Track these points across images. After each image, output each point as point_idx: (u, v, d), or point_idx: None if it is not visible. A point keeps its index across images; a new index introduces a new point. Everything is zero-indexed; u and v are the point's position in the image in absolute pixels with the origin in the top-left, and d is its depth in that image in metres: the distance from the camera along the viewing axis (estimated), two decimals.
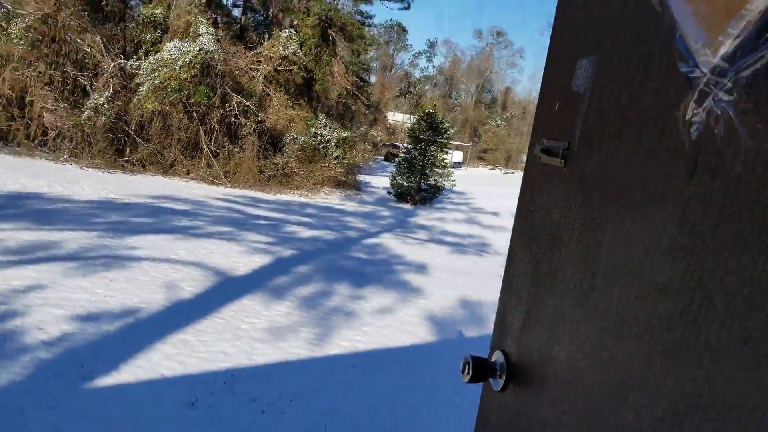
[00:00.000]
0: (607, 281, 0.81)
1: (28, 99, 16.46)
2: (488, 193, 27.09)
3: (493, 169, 53.20)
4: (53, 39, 17.06)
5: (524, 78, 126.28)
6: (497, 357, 1.09)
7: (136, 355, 4.44)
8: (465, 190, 27.32)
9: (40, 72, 16.69)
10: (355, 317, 6.47)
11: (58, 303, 5.21)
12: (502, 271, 8.08)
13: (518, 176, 44.32)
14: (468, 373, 1.06)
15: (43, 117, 16.47)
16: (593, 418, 0.80)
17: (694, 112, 0.69)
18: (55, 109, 16.58)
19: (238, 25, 26.65)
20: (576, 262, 0.90)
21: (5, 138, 16.17)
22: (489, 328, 7.00)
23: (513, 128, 62.21)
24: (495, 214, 21.88)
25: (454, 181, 24.48)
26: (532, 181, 1.10)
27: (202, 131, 19.17)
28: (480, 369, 1.07)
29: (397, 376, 4.97)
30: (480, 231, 18.15)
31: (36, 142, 16.63)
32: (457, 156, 46.41)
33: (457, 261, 11.80)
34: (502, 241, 16.73)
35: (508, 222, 20.39)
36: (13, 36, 16.39)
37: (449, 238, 15.76)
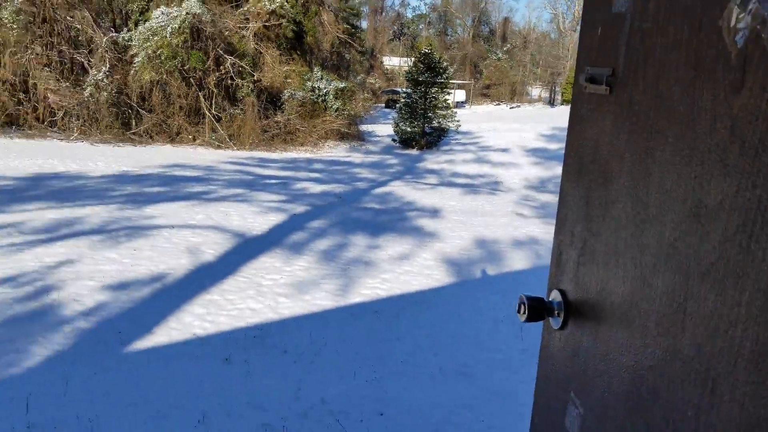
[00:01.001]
0: (659, 210, 0.78)
1: (31, 82, 16.55)
2: (496, 130, 26.84)
3: (498, 104, 52.41)
4: (44, 19, 16.97)
5: (521, 6, 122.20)
6: (554, 296, 1.09)
7: (168, 318, 4.65)
8: (471, 130, 27.09)
9: (37, 54, 16.70)
10: (374, 266, 6.64)
11: (89, 275, 5.42)
12: (516, 209, 8.19)
13: (524, 110, 43.71)
14: (524, 313, 1.07)
15: (48, 98, 16.53)
16: (649, 348, 0.79)
17: (739, 17, 0.61)
18: (58, 89, 16.64)
19: None
20: (627, 194, 0.87)
21: (16, 122, 16.35)
22: (508, 265, 7.14)
23: (516, 60, 60.76)
24: (505, 150, 21.77)
25: (458, 121, 24.23)
26: (579, 114, 1.06)
27: (201, 96, 19.06)
28: (536, 309, 1.07)
29: (421, 318, 5.16)
30: (491, 169, 18.13)
31: (45, 123, 16.80)
32: (459, 95, 45.68)
33: (470, 202, 11.89)
34: (515, 178, 16.74)
35: (519, 158, 20.31)
36: (6, 21, 16.33)
37: (460, 180, 15.79)
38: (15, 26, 16.32)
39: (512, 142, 23.52)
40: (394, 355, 4.32)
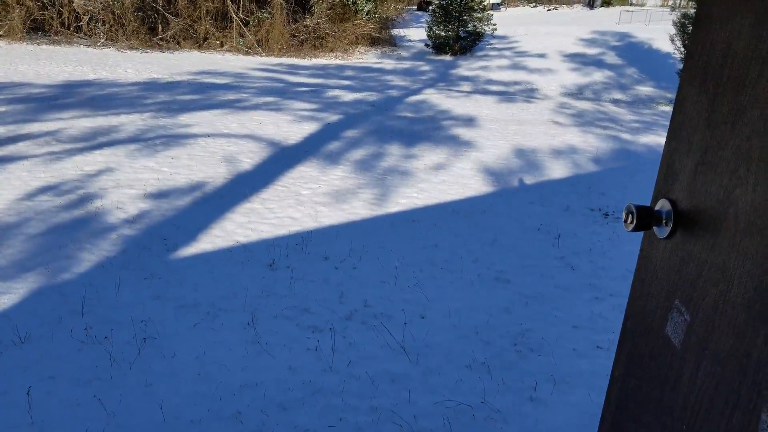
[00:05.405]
0: None
1: None
2: (532, 34, 25.55)
3: (536, 6, 49.64)
4: None
5: None
6: (662, 205, 1.07)
7: (211, 225, 4.72)
8: (507, 34, 25.83)
9: None
10: (410, 176, 6.57)
11: (129, 183, 5.49)
12: (553, 117, 7.88)
13: (562, 12, 41.28)
14: (632, 222, 1.06)
15: (73, 1, 16.17)
16: None
17: None
18: None
19: None
20: None
21: (42, 28, 16.11)
22: (546, 174, 6.99)
23: None
24: (541, 56, 20.82)
25: (494, 24, 23.08)
26: (708, 12, 0.98)
27: None
28: (644, 218, 1.07)
29: (458, 227, 5.14)
30: (527, 76, 17.44)
31: (71, 28, 16.51)
32: None
33: (505, 110, 11.53)
34: (551, 85, 16.10)
35: (556, 63, 19.44)
36: None
37: (495, 87, 15.27)
38: None
39: (549, 46, 22.42)
40: (434, 261, 4.35)
